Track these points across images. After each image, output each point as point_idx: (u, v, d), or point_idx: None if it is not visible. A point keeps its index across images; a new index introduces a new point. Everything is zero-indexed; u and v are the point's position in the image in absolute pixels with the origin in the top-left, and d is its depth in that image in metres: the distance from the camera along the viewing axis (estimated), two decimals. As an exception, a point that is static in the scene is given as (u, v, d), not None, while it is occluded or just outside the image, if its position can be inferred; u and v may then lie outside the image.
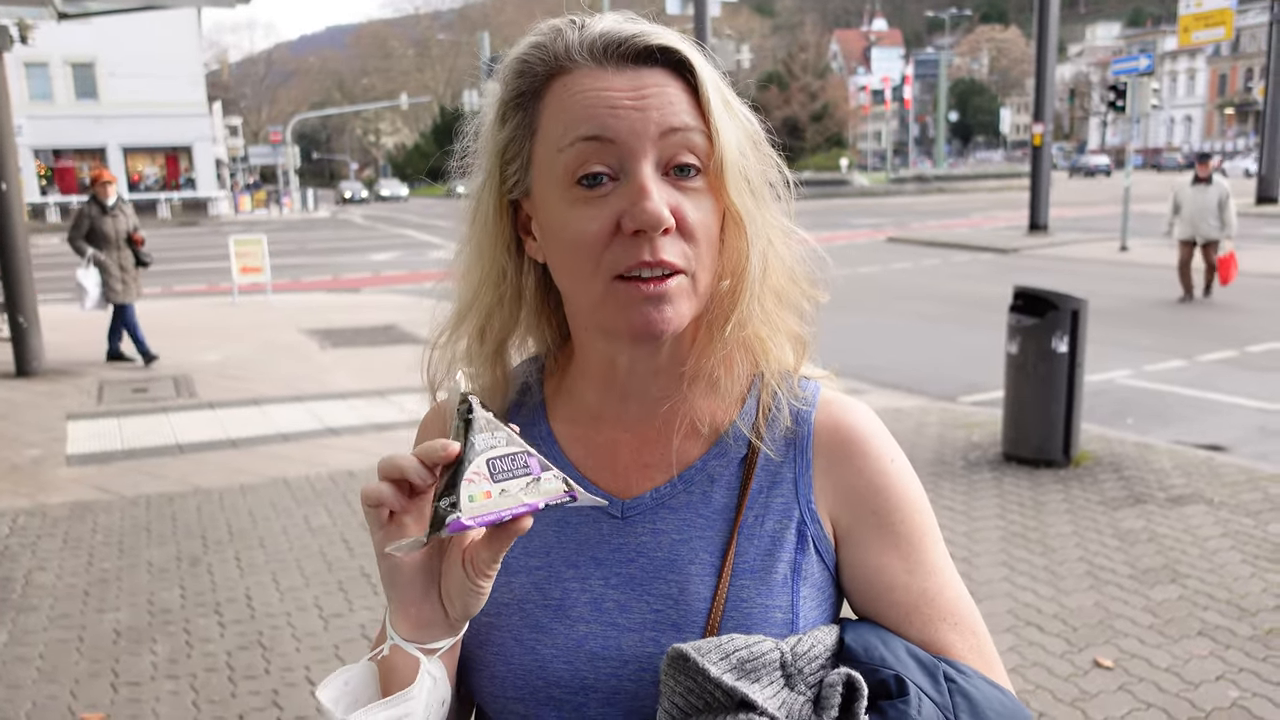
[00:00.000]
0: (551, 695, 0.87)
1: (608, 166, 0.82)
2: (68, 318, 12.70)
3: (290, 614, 4.18)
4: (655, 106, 0.82)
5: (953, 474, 5.80)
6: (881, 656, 0.82)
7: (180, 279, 18.37)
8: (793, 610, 0.87)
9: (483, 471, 0.75)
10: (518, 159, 0.87)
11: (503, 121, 0.88)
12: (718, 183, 0.84)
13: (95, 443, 6.96)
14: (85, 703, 3.50)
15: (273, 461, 6.42)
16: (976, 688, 0.81)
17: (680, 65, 0.84)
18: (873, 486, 0.90)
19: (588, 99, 0.82)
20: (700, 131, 0.83)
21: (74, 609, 4.27)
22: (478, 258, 0.93)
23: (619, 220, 0.81)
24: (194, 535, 5.12)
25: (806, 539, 0.89)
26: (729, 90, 0.88)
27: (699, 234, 0.83)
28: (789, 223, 0.93)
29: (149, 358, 9.71)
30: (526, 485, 0.76)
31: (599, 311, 0.85)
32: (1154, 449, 6.17)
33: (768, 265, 0.89)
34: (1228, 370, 8.60)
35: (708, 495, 0.90)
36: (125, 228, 9.51)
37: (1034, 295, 5.95)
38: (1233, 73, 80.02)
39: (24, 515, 5.47)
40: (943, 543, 0.92)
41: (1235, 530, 4.80)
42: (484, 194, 0.90)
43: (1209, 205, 11.85)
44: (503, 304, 0.93)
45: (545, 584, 0.90)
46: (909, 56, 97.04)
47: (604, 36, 0.84)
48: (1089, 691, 3.40)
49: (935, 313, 12.09)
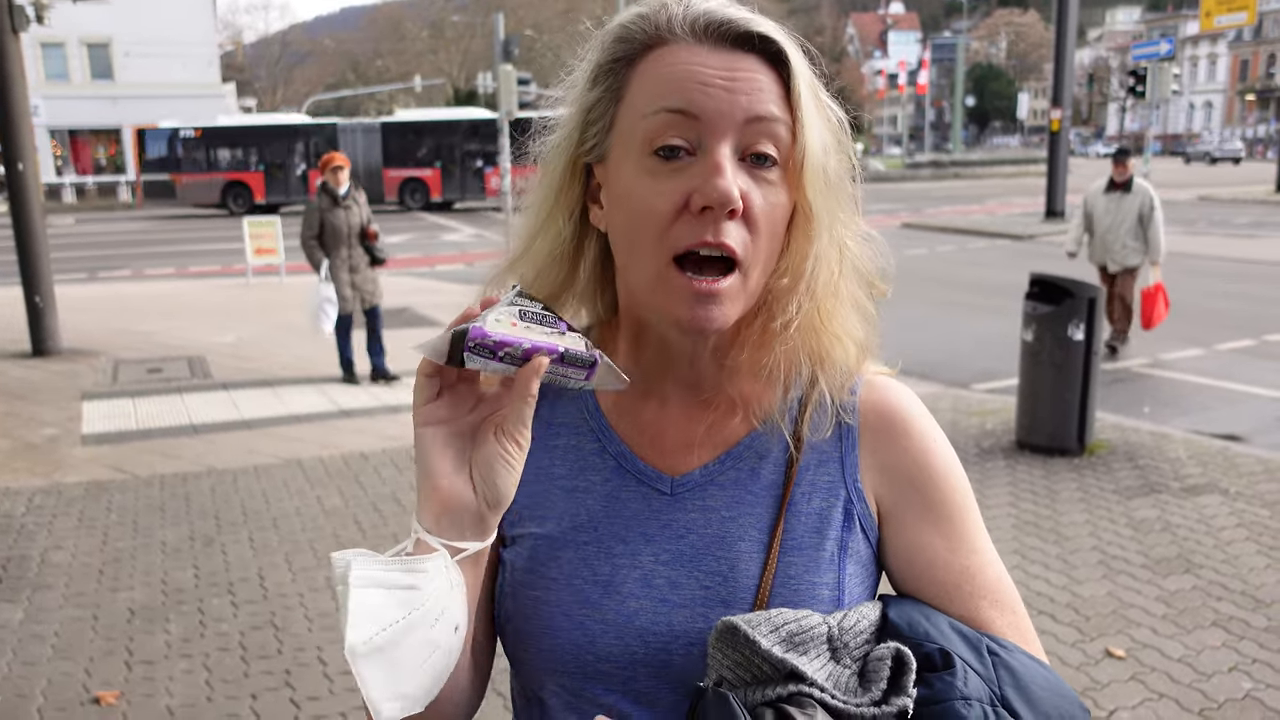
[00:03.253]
0: (600, 670, 0.88)
1: (687, 141, 0.82)
2: (83, 298, 12.78)
3: (303, 594, 4.20)
4: (745, 91, 0.82)
5: (966, 461, 5.72)
6: (926, 631, 0.83)
7: (194, 260, 18.44)
8: (839, 587, 0.87)
9: (512, 313, 0.79)
10: (600, 121, 0.87)
11: (593, 84, 0.88)
12: (795, 178, 0.84)
13: (110, 423, 7.00)
14: (99, 680, 3.53)
15: (286, 443, 6.44)
16: (1020, 662, 0.82)
17: (776, 56, 0.84)
18: (916, 465, 0.91)
19: (680, 72, 0.82)
20: (785, 124, 0.83)
21: (89, 588, 4.31)
22: (538, 215, 0.93)
23: (689, 197, 0.81)
24: (208, 515, 5.15)
25: (853, 517, 0.90)
26: (821, 88, 0.88)
27: (763, 225, 0.83)
28: (862, 223, 0.93)
29: (386, 376, 8.07)
30: (550, 333, 0.79)
31: (651, 293, 0.85)
32: (1169, 438, 6.12)
33: (834, 266, 0.89)
34: (1246, 359, 8.53)
35: (756, 472, 0.91)
36: (359, 221, 7.86)
37: (1050, 282, 5.91)
38: (1254, 58, 79.01)
39: (40, 494, 5.52)
40: (981, 522, 0.93)
41: (1251, 521, 4.77)
42: (557, 153, 0.91)
43: (1126, 220, 8.47)
44: (555, 264, 0.93)
45: (594, 559, 0.90)
46: (926, 40, 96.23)
47: (707, 15, 0.84)
48: (1100, 681, 3.39)
49: (950, 299, 12.02)
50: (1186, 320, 10.27)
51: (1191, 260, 12.53)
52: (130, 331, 10.56)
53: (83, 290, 13.90)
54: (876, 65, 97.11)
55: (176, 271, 16.89)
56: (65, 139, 42.22)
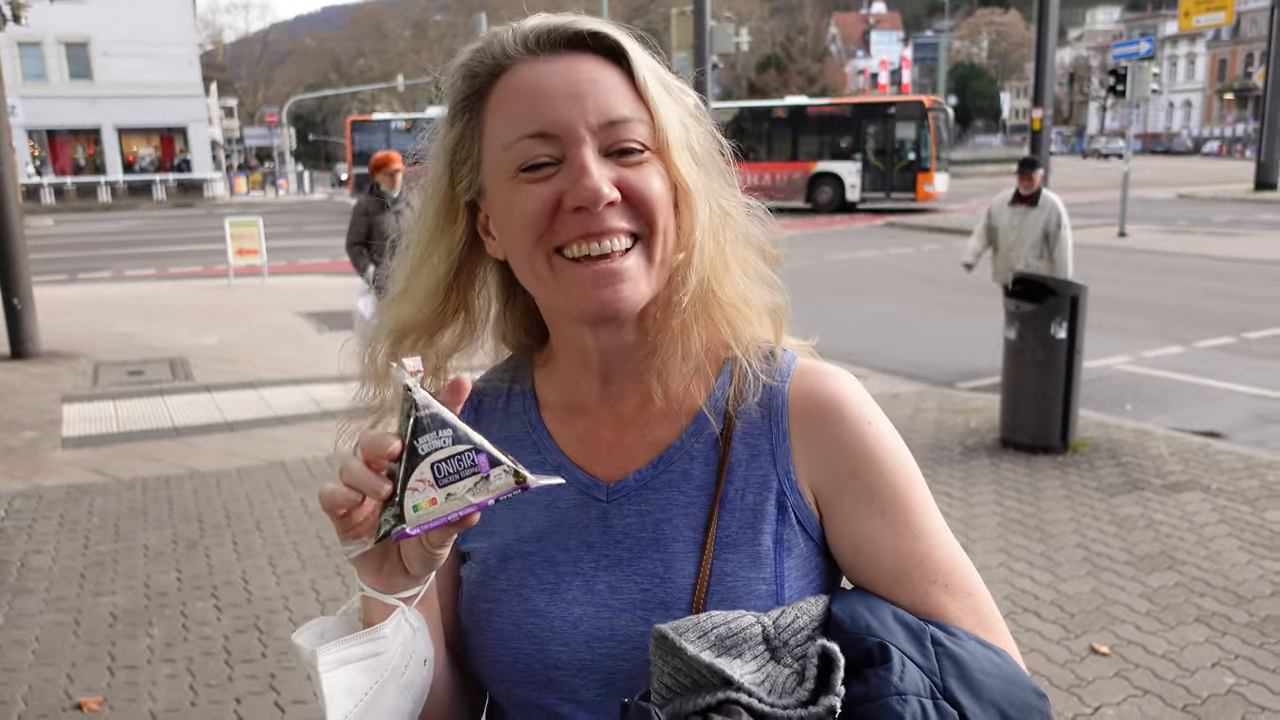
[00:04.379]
0: (552, 678, 0.88)
1: (551, 156, 0.83)
2: (63, 299, 12.67)
3: (287, 597, 4.17)
4: (591, 95, 0.83)
5: (950, 460, 5.80)
6: (867, 624, 0.80)
7: (176, 261, 18.31)
8: (777, 582, 0.86)
9: (427, 478, 0.74)
10: (468, 160, 0.89)
11: (451, 124, 0.90)
12: (664, 159, 0.85)
13: (91, 425, 6.94)
14: (82, 686, 3.49)
15: (269, 445, 6.40)
16: (965, 649, 0.79)
17: (613, 51, 0.85)
18: (851, 451, 0.88)
19: (526, 93, 0.84)
20: (641, 121, 0.84)
21: (70, 592, 4.27)
22: (413, 255, 0.94)
23: (560, 197, 0.83)
24: (190, 518, 5.11)
25: (787, 510, 0.88)
26: (665, 71, 0.90)
27: (650, 200, 0.84)
28: (739, 193, 0.94)
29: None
30: (475, 485, 0.75)
31: (549, 292, 0.86)
32: (1152, 435, 6.17)
33: (721, 235, 0.90)
34: (1225, 357, 8.60)
35: (688, 473, 0.91)
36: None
37: (1033, 281, 5.95)
38: (1233, 58, 79.68)
39: (19, 498, 5.46)
40: (933, 504, 0.89)
41: (1232, 517, 4.81)
42: (431, 195, 0.92)
43: (1030, 236, 7.57)
44: (431, 298, 0.93)
45: (539, 568, 0.91)
46: (908, 40, 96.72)
47: (535, 29, 0.86)
48: (1085, 678, 3.41)
49: (933, 297, 12.07)
50: (1167, 318, 10.35)
51: (1171, 258, 12.63)
52: (111, 333, 10.47)
53: (62, 292, 13.77)
54: (859, 65, 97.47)
55: (157, 273, 16.76)
56: (44, 139, 41.83)
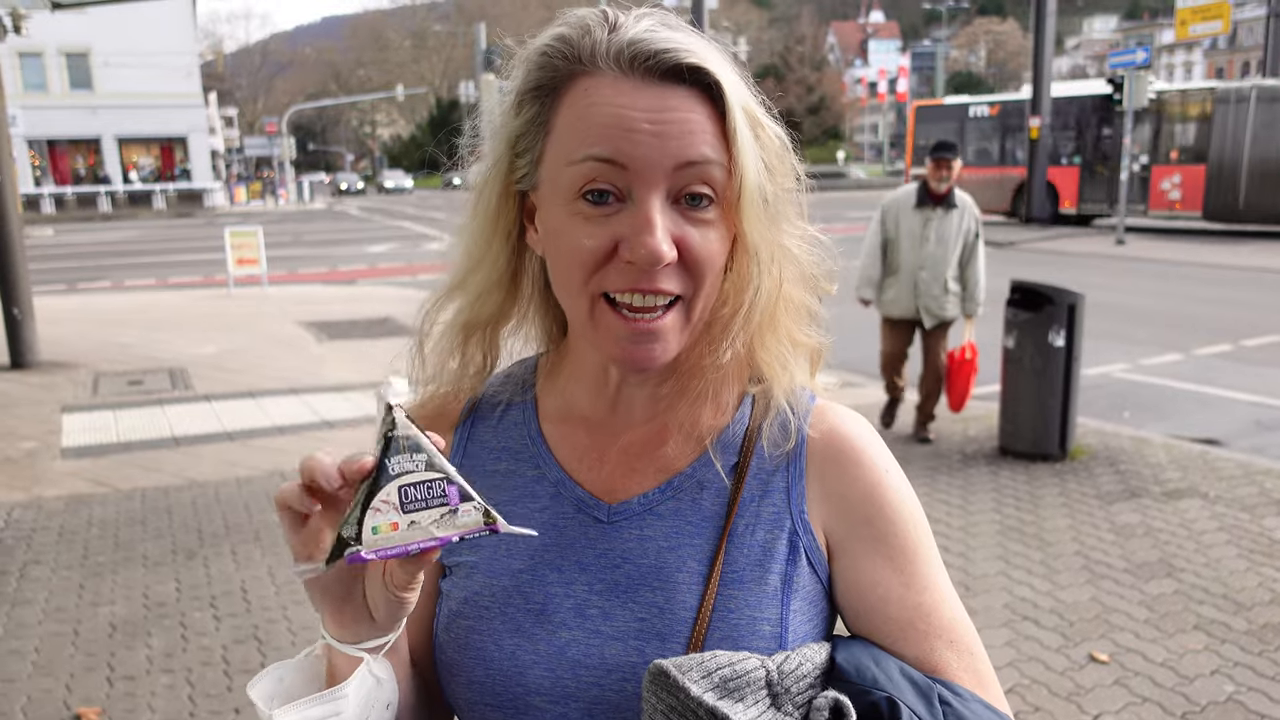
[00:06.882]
0: (531, 703, 0.84)
1: (615, 188, 0.78)
2: (62, 309, 12.68)
3: (286, 608, 4.17)
4: (675, 135, 0.77)
5: (949, 468, 5.80)
6: (874, 677, 0.79)
7: (176, 271, 18.32)
8: (781, 624, 0.83)
9: (393, 500, 0.71)
10: (529, 153, 0.84)
11: (518, 110, 0.84)
12: (732, 211, 0.81)
13: (90, 435, 6.94)
14: (80, 696, 3.49)
15: (268, 454, 6.40)
16: (973, 712, 0.78)
17: (709, 88, 0.79)
18: (866, 497, 0.87)
19: (606, 115, 0.78)
20: (720, 165, 0.79)
21: (69, 602, 4.26)
22: (475, 243, 0.90)
23: (618, 244, 0.79)
24: (189, 529, 5.11)
25: (799, 550, 0.86)
26: (758, 106, 0.84)
27: (703, 266, 0.81)
28: (804, 225, 0.90)
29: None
30: (440, 517, 0.72)
31: (583, 327, 0.84)
32: (1150, 443, 6.17)
33: (774, 291, 0.86)
34: (1223, 364, 8.61)
35: (697, 502, 0.87)
36: None
37: (1030, 289, 5.95)
38: (1229, 66, 79.90)
39: (19, 508, 5.46)
40: (939, 558, 0.89)
41: (1231, 525, 4.81)
42: (490, 180, 0.87)
43: (948, 249, 5.92)
44: (494, 290, 0.91)
45: (528, 587, 0.87)
46: (906, 49, 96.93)
47: (633, 46, 0.79)
48: (1084, 686, 3.41)
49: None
50: (1165, 326, 10.36)
51: (1169, 266, 12.65)
52: (110, 343, 10.47)
53: (62, 302, 13.78)
54: (857, 74, 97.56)
55: (157, 282, 16.77)
56: (44, 149, 41.95)
